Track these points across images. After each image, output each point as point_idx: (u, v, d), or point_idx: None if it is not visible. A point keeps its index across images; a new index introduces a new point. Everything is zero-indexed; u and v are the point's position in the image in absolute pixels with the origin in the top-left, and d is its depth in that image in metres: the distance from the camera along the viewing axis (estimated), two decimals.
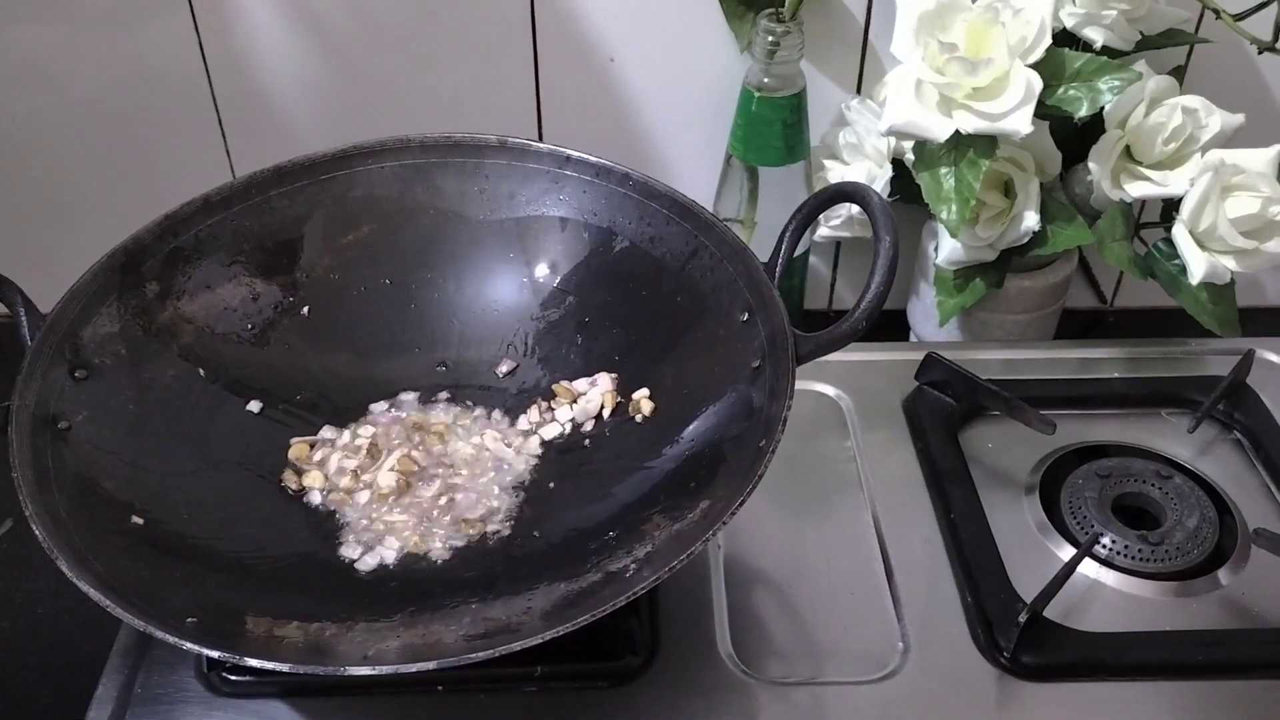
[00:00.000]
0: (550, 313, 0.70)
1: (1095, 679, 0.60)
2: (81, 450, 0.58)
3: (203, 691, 0.59)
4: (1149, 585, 0.64)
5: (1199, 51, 0.80)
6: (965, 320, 0.84)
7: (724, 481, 0.57)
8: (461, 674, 0.57)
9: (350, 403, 0.68)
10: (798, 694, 0.59)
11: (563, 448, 0.66)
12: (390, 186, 0.70)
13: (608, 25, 0.80)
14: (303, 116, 0.83)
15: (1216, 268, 0.72)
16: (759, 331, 0.61)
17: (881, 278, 0.56)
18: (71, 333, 0.60)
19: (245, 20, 0.79)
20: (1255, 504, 0.69)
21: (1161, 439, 0.73)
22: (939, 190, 0.73)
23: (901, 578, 0.65)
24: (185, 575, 0.56)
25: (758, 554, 0.66)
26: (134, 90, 0.82)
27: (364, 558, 0.60)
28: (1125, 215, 0.75)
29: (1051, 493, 0.69)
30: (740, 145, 0.79)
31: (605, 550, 0.58)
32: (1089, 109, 0.71)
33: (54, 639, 0.67)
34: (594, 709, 0.59)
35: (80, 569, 0.51)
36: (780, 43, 0.74)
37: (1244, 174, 0.71)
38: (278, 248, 0.68)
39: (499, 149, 0.69)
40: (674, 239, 0.66)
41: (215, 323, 0.66)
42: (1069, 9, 0.71)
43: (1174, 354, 0.79)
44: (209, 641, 0.50)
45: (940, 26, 0.70)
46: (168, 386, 0.63)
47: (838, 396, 0.76)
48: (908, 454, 0.72)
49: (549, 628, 0.49)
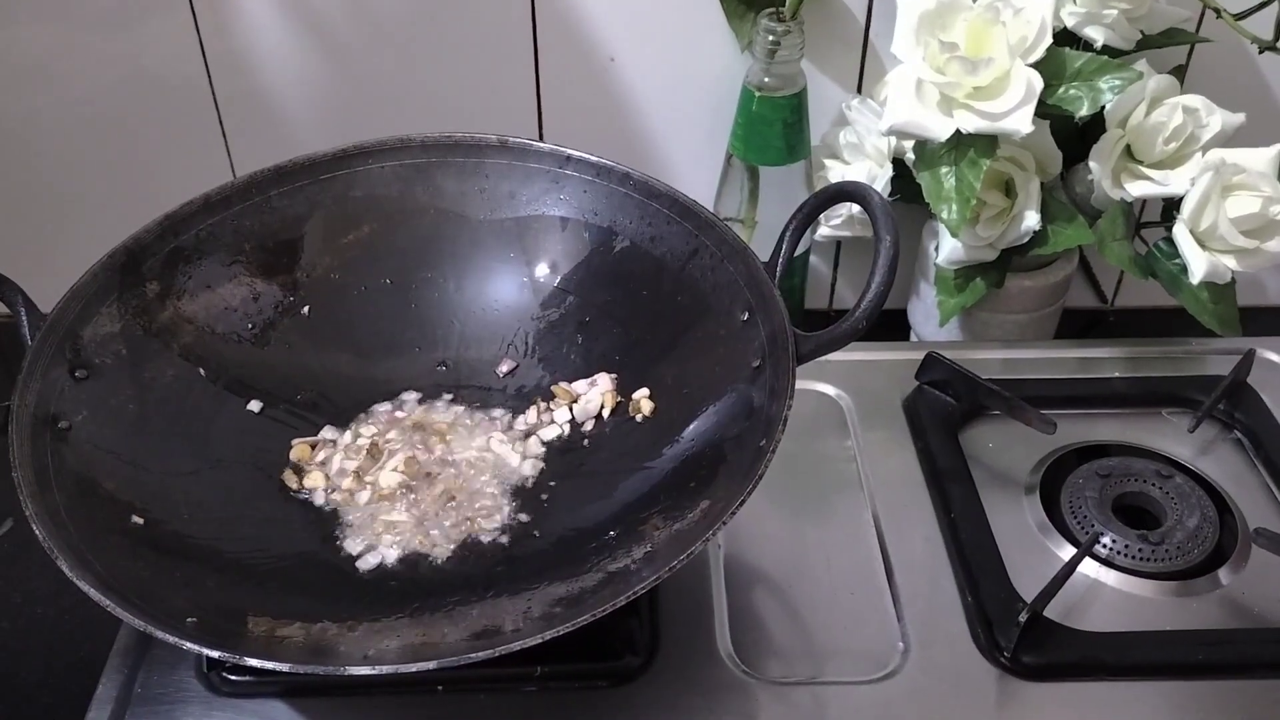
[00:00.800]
0: (550, 312, 0.70)
1: (1095, 679, 0.60)
2: (82, 450, 0.58)
3: (203, 691, 0.59)
4: (1149, 585, 0.64)
5: (1200, 51, 0.80)
6: (965, 320, 0.84)
7: (724, 481, 0.57)
8: (461, 674, 0.57)
9: (350, 402, 0.68)
10: (798, 694, 0.59)
11: (562, 448, 0.66)
12: (390, 186, 0.70)
13: (608, 25, 0.80)
14: (303, 116, 0.83)
15: (1217, 267, 0.72)
16: (759, 331, 0.61)
17: (882, 277, 0.56)
18: (72, 332, 0.60)
19: (245, 20, 0.79)
20: (1255, 504, 0.69)
21: (1162, 439, 0.73)
22: (939, 190, 0.73)
23: (902, 577, 0.65)
24: (185, 575, 0.56)
25: (758, 554, 0.66)
26: (134, 90, 0.82)
27: (364, 557, 0.61)
28: (1126, 215, 0.75)
29: (1052, 492, 0.69)
30: (741, 145, 0.79)
31: (605, 550, 0.58)
32: (1090, 108, 0.71)
33: (54, 639, 0.67)
34: (594, 709, 0.59)
35: (80, 569, 0.51)
36: (781, 42, 0.74)
37: (1245, 173, 0.71)
38: (278, 247, 0.68)
39: (499, 149, 0.69)
40: (674, 238, 0.66)
41: (216, 322, 0.66)
42: (1070, 8, 0.71)
43: (1174, 354, 0.79)
44: (209, 641, 0.50)
45: (941, 26, 0.70)
46: (168, 386, 0.63)
47: (838, 396, 0.76)
48: (908, 454, 0.72)
49: (549, 627, 0.49)
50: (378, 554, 0.61)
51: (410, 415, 0.68)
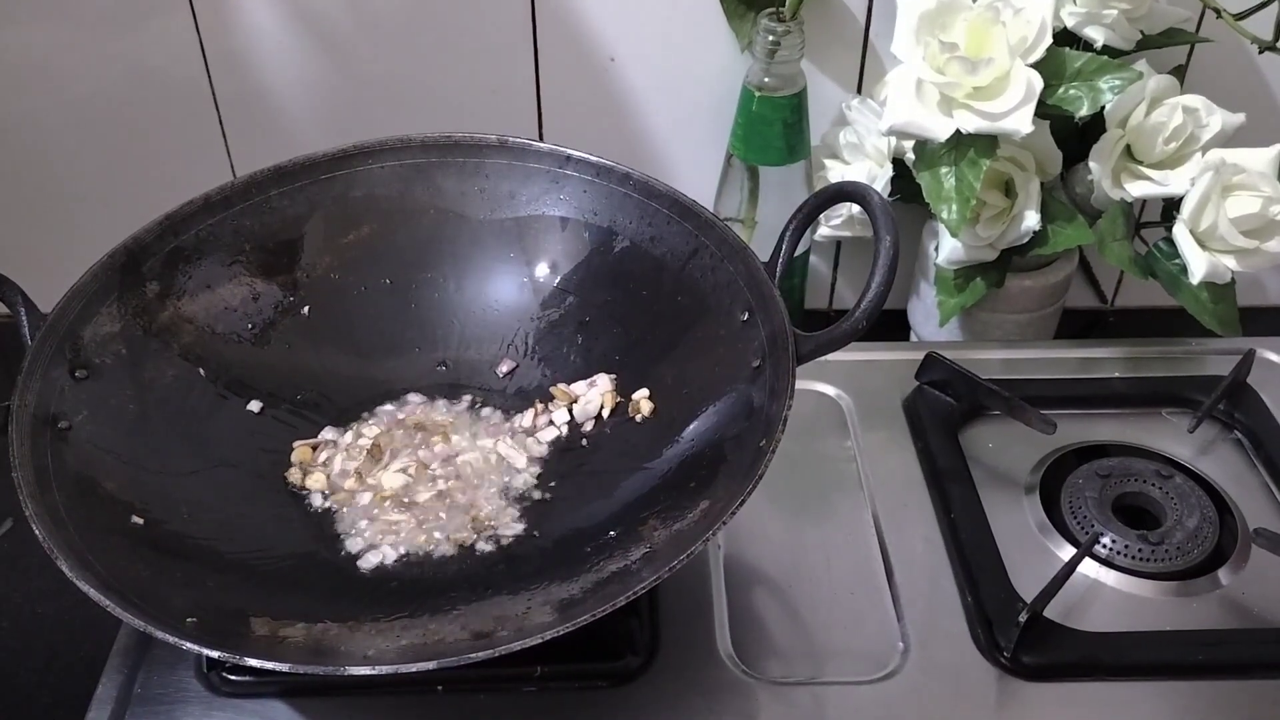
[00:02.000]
0: (550, 313, 0.70)
1: (1095, 679, 0.60)
2: (81, 450, 0.58)
3: (203, 691, 0.59)
4: (1149, 585, 0.64)
5: (1200, 51, 0.80)
6: (965, 320, 0.84)
7: (724, 481, 0.57)
8: (461, 674, 0.57)
9: (351, 402, 0.68)
10: (798, 694, 0.59)
11: (562, 448, 0.66)
12: (390, 186, 0.70)
13: (608, 25, 0.80)
14: (303, 116, 0.83)
15: (1217, 267, 0.72)
16: (759, 331, 0.61)
17: (882, 277, 0.56)
18: (72, 332, 0.60)
19: (245, 20, 0.79)
20: (1255, 504, 0.69)
21: (1162, 439, 0.73)
22: (939, 190, 0.73)
23: (901, 578, 0.65)
24: (185, 575, 0.56)
25: (758, 554, 0.66)
26: (134, 90, 0.82)
27: (365, 557, 0.60)
28: (1126, 215, 0.75)
29: (1052, 492, 0.69)
30: (741, 145, 0.79)
31: (605, 550, 0.58)
32: (1090, 108, 0.71)
33: (54, 639, 0.67)
34: (594, 709, 0.59)
35: (80, 569, 0.51)
36: (781, 42, 0.74)
37: (1245, 173, 0.71)
38: (278, 247, 0.68)
39: (499, 148, 0.69)
40: (674, 238, 0.66)
41: (215, 322, 0.66)
42: (1070, 8, 0.71)
43: (1174, 354, 0.79)
44: (209, 641, 0.50)
45: (941, 26, 0.70)
46: (168, 386, 0.63)
47: (838, 396, 0.76)
48: (908, 454, 0.72)
49: (549, 628, 0.49)
50: (378, 554, 0.61)
51: (410, 415, 0.68)
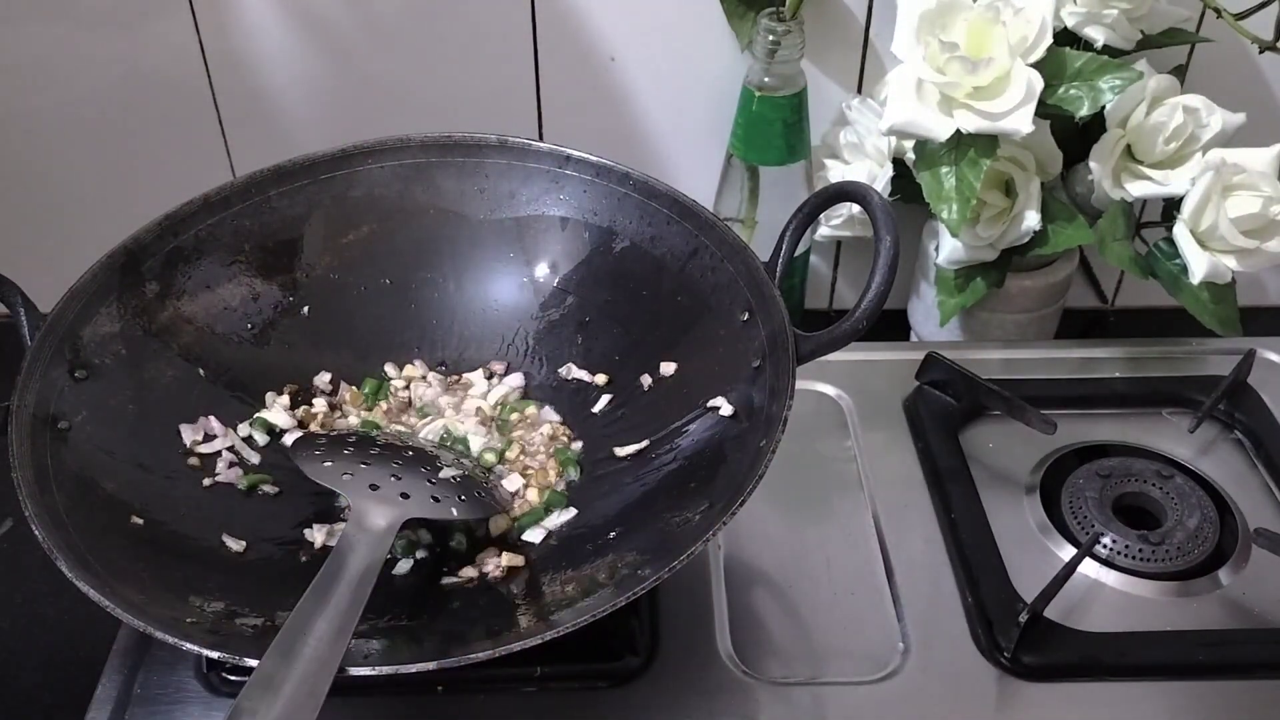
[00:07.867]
0: (550, 312, 0.70)
1: (1095, 679, 0.60)
2: (81, 450, 0.58)
3: (203, 691, 0.59)
4: (1149, 585, 0.64)
5: (1200, 50, 0.80)
6: (966, 320, 0.84)
7: (724, 481, 0.57)
8: (461, 674, 0.57)
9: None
10: (798, 694, 0.59)
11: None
12: (390, 186, 0.70)
13: (608, 25, 0.80)
14: (303, 116, 0.83)
15: (1217, 267, 0.72)
16: (759, 331, 0.61)
17: (882, 277, 0.56)
18: (71, 333, 0.60)
19: (245, 20, 0.79)
20: (1256, 504, 0.69)
21: (1162, 439, 0.73)
22: (940, 189, 0.73)
23: (901, 578, 0.65)
24: (185, 575, 0.56)
25: (758, 554, 0.66)
26: (134, 90, 0.82)
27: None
28: (1126, 215, 0.75)
29: (1052, 493, 0.69)
30: (741, 145, 0.79)
31: (605, 550, 0.58)
32: (1090, 108, 0.71)
33: (54, 639, 0.67)
34: (594, 709, 0.59)
35: (80, 569, 0.51)
36: (781, 42, 0.74)
37: (1245, 173, 0.71)
38: (278, 247, 0.68)
39: (499, 148, 0.69)
40: (674, 238, 0.66)
41: (215, 323, 0.66)
42: (1070, 8, 0.71)
43: (1175, 354, 0.79)
44: (209, 641, 0.50)
45: (941, 26, 0.70)
46: (168, 386, 0.63)
47: (838, 396, 0.76)
48: (908, 454, 0.72)
49: (549, 628, 0.49)
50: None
51: (409, 415, 0.68)
